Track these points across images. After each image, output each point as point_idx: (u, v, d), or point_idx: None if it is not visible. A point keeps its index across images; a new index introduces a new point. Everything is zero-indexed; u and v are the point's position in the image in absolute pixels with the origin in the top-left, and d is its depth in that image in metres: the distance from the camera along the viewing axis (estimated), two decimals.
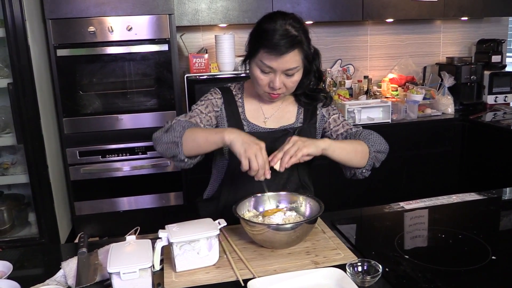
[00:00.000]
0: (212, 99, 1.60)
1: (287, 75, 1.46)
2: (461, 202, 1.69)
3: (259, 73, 1.47)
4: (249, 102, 1.63)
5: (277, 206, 1.45)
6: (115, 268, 1.08)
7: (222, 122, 1.59)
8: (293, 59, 1.42)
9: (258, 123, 1.60)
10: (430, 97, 3.49)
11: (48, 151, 2.71)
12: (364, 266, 1.17)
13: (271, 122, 1.61)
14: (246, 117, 1.60)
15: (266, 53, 1.41)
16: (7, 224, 2.82)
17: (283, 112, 1.63)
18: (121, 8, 2.75)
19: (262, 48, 1.41)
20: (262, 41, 1.41)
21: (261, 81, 1.47)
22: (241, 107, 1.61)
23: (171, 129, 1.42)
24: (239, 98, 1.62)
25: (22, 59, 2.52)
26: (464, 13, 3.49)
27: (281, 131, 1.58)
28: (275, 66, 1.42)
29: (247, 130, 1.57)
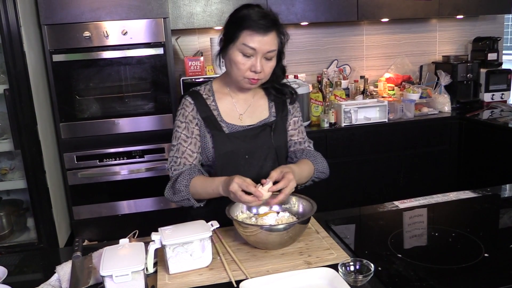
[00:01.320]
0: (188, 115, 1.60)
1: (266, 59, 1.50)
2: (455, 200, 1.69)
3: (240, 57, 1.49)
4: (222, 102, 1.64)
5: (270, 208, 1.45)
6: (107, 271, 1.08)
7: (203, 131, 1.60)
8: (273, 41, 1.49)
9: (234, 121, 1.62)
10: (426, 96, 3.49)
11: (45, 156, 2.72)
12: (357, 265, 1.17)
13: (246, 118, 1.64)
14: (222, 118, 1.61)
15: (249, 35, 1.46)
16: (6, 230, 2.83)
17: (255, 106, 1.67)
18: (116, 13, 2.76)
19: (245, 30, 1.46)
20: (245, 23, 1.47)
21: (242, 66, 1.50)
22: (215, 110, 1.62)
23: (177, 191, 1.55)
24: (212, 101, 1.63)
25: (18, 65, 2.53)
26: (459, 12, 3.50)
27: (259, 127, 1.62)
28: (258, 47, 1.46)
29: (227, 131, 1.58)
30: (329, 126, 3.15)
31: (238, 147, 1.58)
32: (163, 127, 2.93)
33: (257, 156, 1.60)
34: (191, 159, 1.59)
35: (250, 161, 1.60)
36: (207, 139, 1.59)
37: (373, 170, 3.23)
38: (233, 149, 1.57)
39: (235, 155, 1.58)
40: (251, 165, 1.60)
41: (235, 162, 1.58)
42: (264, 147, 1.61)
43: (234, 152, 1.58)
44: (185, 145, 1.59)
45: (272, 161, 1.62)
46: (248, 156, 1.59)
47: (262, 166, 1.61)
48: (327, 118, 3.14)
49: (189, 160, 1.59)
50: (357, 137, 3.15)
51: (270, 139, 1.61)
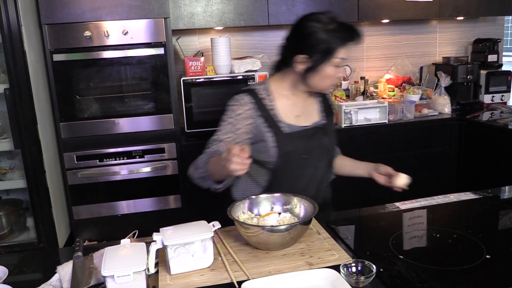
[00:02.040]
0: (242, 113, 1.61)
1: None
2: (456, 202, 1.69)
3: (334, 70, 1.56)
4: (279, 102, 1.66)
5: (271, 208, 1.45)
6: (109, 272, 1.08)
7: (260, 130, 1.61)
8: None
9: (292, 121, 1.66)
10: (426, 97, 3.49)
11: (45, 156, 2.71)
12: (358, 266, 1.17)
13: (302, 119, 1.69)
14: (281, 118, 1.64)
15: (345, 47, 1.53)
16: (5, 229, 2.83)
17: (309, 109, 1.73)
18: (116, 13, 2.76)
19: (341, 45, 1.52)
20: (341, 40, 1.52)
21: (336, 78, 1.60)
22: (272, 110, 1.64)
23: (197, 167, 1.58)
24: (268, 100, 1.64)
25: (19, 65, 2.52)
26: (459, 13, 3.50)
27: (313, 128, 1.69)
28: (347, 56, 1.56)
29: (286, 130, 1.62)
30: None
31: (297, 146, 1.63)
32: (163, 127, 2.93)
33: (314, 156, 1.67)
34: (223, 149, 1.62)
35: (307, 160, 1.66)
36: (268, 138, 1.61)
37: None
38: (293, 149, 1.62)
39: (294, 154, 1.63)
40: (308, 164, 1.66)
41: (294, 162, 1.64)
42: (319, 147, 1.69)
43: (295, 152, 1.63)
44: (222, 137, 1.61)
45: (325, 161, 1.73)
46: (305, 156, 1.65)
47: (317, 167, 1.70)
48: None
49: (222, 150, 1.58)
50: (357, 138, 3.14)
51: (323, 140, 1.69)
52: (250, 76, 3.01)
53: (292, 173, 1.64)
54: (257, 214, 1.43)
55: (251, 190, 1.70)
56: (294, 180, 1.65)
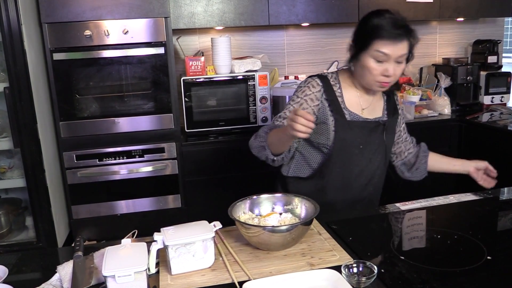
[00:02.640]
0: (310, 94, 1.69)
1: (397, 62, 1.59)
2: (457, 203, 1.69)
3: (372, 63, 1.58)
4: (347, 91, 1.72)
5: (272, 209, 1.45)
6: (110, 272, 1.08)
7: (325, 113, 1.69)
8: (404, 46, 1.57)
9: (357, 112, 1.72)
10: (426, 98, 3.49)
11: (45, 155, 2.71)
12: (360, 267, 1.17)
13: (366, 112, 1.74)
14: (346, 106, 1.70)
15: (382, 43, 1.55)
16: (4, 229, 2.82)
17: (375, 105, 1.77)
18: (117, 12, 2.75)
19: (378, 39, 1.55)
20: (378, 33, 1.55)
21: (375, 71, 1.59)
22: (340, 97, 1.70)
23: (258, 136, 1.66)
24: (338, 88, 1.71)
25: (19, 63, 2.52)
26: (459, 14, 3.50)
27: (374, 122, 1.73)
28: (391, 53, 1.55)
29: (348, 118, 1.69)
30: None
31: (355, 135, 1.69)
32: (163, 127, 2.92)
33: (369, 149, 1.72)
34: None
35: (363, 151, 1.71)
36: (329, 122, 1.68)
37: None
38: (351, 137, 1.68)
39: (351, 142, 1.69)
40: (363, 155, 1.72)
41: (350, 149, 1.70)
42: (376, 141, 1.73)
43: (352, 140, 1.69)
44: (288, 114, 1.67)
45: (380, 156, 1.77)
46: (362, 146, 1.70)
47: (371, 159, 1.75)
48: None
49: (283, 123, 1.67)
50: None
51: (382, 136, 1.74)
52: (251, 76, 3.01)
53: (345, 160, 1.71)
54: (258, 214, 1.43)
55: (302, 170, 1.80)
56: (346, 167, 1.72)
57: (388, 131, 1.77)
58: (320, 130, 1.70)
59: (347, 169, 1.73)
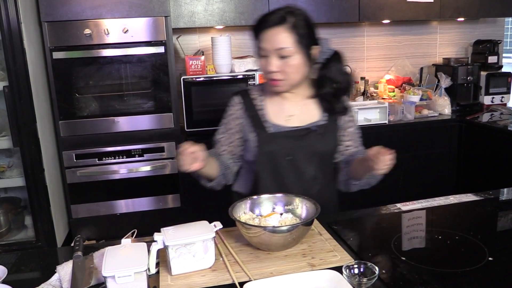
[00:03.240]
0: (232, 113, 1.67)
1: (282, 57, 1.49)
2: (458, 203, 1.69)
3: (259, 59, 1.55)
4: (271, 102, 1.66)
5: (273, 209, 1.44)
6: (110, 272, 1.07)
7: (246, 130, 1.65)
8: (283, 38, 1.47)
9: (281, 122, 1.62)
10: (427, 98, 3.49)
11: (44, 154, 2.70)
12: (361, 268, 1.16)
13: (295, 119, 1.63)
14: (268, 118, 1.63)
15: (260, 34, 1.51)
16: (3, 228, 2.81)
17: (307, 109, 1.66)
18: (117, 11, 2.74)
19: (258, 33, 1.51)
20: (259, 25, 1.52)
21: (261, 67, 1.56)
22: (262, 110, 1.64)
23: None
24: (260, 100, 1.66)
25: (18, 62, 2.51)
26: (460, 14, 3.50)
27: (305, 129, 1.61)
28: (267, 46, 1.49)
29: (271, 130, 1.61)
30: None
31: (280, 147, 1.59)
32: (163, 126, 2.92)
33: (299, 159, 1.60)
34: (221, 148, 1.69)
35: (292, 163, 1.60)
36: (251, 138, 1.62)
37: None
38: (275, 150, 1.59)
39: (276, 155, 1.59)
40: (293, 167, 1.60)
41: (276, 163, 1.60)
42: (307, 150, 1.60)
43: (276, 153, 1.59)
44: (218, 136, 1.70)
45: (315, 166, 1.62)
46: (289, 157, 1.59)
47: (304, 171, 1.61)
48: None
49: (220, 149, 1.69)
50: None
51: (316, 143, 1.60)
52: (251, 76, 3.00)
53: (274, 174, 1.61)
54: (259, 214, 1.42)
55: (244, 186, 1.74)
56: (277, 181, 1.61)
57: (325, 136, 1.62)
58: (246, 147, 1.65)
59: (278, 183, 1.60)
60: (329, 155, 1.66)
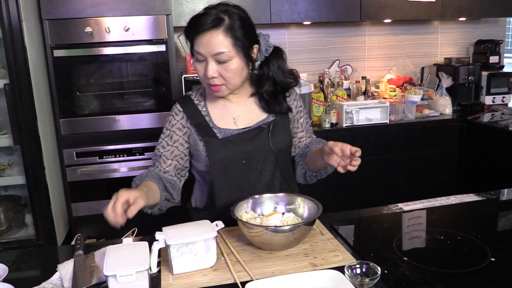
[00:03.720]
0: (176, 122, 1.56)
1: (219, 62, 1.39)
2: (459, 204, 1.68)
3: (195, 62, 1.43)
4: (214, 106, 1.57)
5: (275, 208, 1.44)
6: (111, 271, 1.07)
7: (194, 139, 1.55)
8: (219, 42, 1.36)
9: (228, 126, 1.54)
10: (428, 98, 3.49)
11: (45, 152, 2.70)
12: (363, 268, 1.15)
13: (241, 121, 1.56)
14: (215, 124, 1.54)
15: (195, 38, 1.38)
16: (3, 226, 2.81)
17: (251, 108, 1.58)
18: (118, 9, 2.74)
19: (194, 35, 1.39)
20: (192, 27, 1.40)
21: (198, 71, 1.44)
22: (207, 116, 1.55)
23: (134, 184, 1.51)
24: (203, 106, 1.56)
25: (19, 60, 2.50)
26: (462, 14, 3.49)
27: (255, 129, 1.54)
28: (203, 51, 1.38)
29: (220, 136, 1.52)
30: (330, 126, 3.14)
31: (233, 152, 1.51)
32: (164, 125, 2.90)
33: (255, 160, 1.53)
34: (164, 165, 1.55)
35: (248, 165, 1.53)
36: (200, 147, 1.53)
37: (373, 171, 3.22)
38: (228, 155, 1.50)
39: (231, 161, 1.51)
40: (250, 169, 1.54)
41: (232, 169, 1.52)
42: (261, 150, 1.53)
43: (230, 158, 1.51)
44: (162, 150, 1.56)
45: (272, 164, 1.56)
46: (245, 161, 1.52)
47: (262, 171, 1.55)
48: (328, 118, 3.13)
49: (163, 166, 1.55)
50: (358, 138, 3.13)
51: (268, 141, 1.53)
52: None
53: (230, 181, 1.52)
54: (260, 214, 1.42)
55: (202, 197, 1.66)
56: (234, 188, 1.53)
57: (276, 133, 1.54)
58: (196, 157, 1.57)
59: (236, 189, 1.52)
60: (285, 150, 1.60)
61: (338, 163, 1.33)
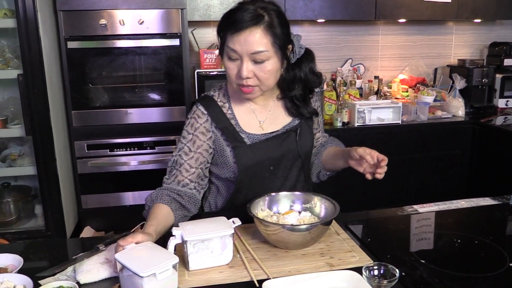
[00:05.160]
0: (199, 126, 1.45)
1: (256, 62, 1.31)
2: (475, 207, 1.66)
3: (227, 61, 1.35)
4: (239, 108, 1.49)
5: (291, 207, 1.42)
6: (148, 271, 1.02)
7: (220, 144, 1.47)
8: (258, 40, 1.29)
9: (255, 130, 1.48)
10: (440, 99, 3.46)
11: (56, 144, 2.70)
12: (381, 269, 1.14)
13: (268, 125, 1.50)
14: (242, 128, 1.47)
15: (230, 35, 1.30)
16: (13, 216, 2.82)
17: (277, 111, 1.52)
18: (133, 2, 2.73)
19: (228, 31, 1.31)
20: (227, 23, 1.32)
21: (230, 71, 1.35)
22: (233, 119, 1.47)
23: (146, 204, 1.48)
24: (228, 108, 1.48)
25: (33, 51, 2.50)
26: (477, 15, 3.46)
27: (283, 134, 1.49)
28: (239, 49, 1.29)
29: (248, 142, 1.46)
30: (342, 125, 3.12)
31: (262, 158, 1.45)
32: (175, 119, 2.91)
33: (283, 166, 1.49)
34: (186, 174, 1.44)
35: (275, 172, 1.49)
36: (227, 153, 1.46)
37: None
38: (257, 162, 1.44)
39: (259, 167, 1.46)
40: (276, 176, 1.49)
41: (259, 175, 1.47)
42: (289, 155, 1.49)
43: (259, 165, 1.45)
44: (184, 158, 1.44)
45: (297, 170, 1.53)
46: (273, 167, 1.48)
47: (287, 177, 1.52)
48: (340, 117, 3.11)
49: (184, 175, 1.44)
50: (370, 138, 3.11)
51: (296, 145, 1.48)
52: None
53: (255, 188, 1.46)
54: (276, 212, 1.40)
55: (217, 202, 1.59)
56: (258, 192, 1.44)
57: (302, 136, 1.50)
58: (221, 163, 1.48)
59: (259, 193, 1.44)
60: (310, 154, 1.57)
61: (365, 170, 1.38)
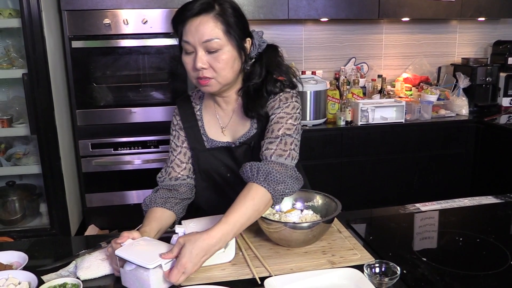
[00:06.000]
0: (177, 123, 1.49)
1: (210, 52, 1.26)
2: (478, 205, 1.66)
3: (183, 56, 1.31)
4: (206, 111, 1.48)
5: (293, 205, 1.43)
6: (154, 263, 1.05)
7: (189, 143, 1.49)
8: (209, 28, 1.24)
9: (217, 136, 1.46)
10: (444, 98, 3.45)
11: (61, 142, 2.72)
12: (382, 267, 1.15)
13: (228, 132, 1.47)
14: (205, 131, 1.47)
15: (183, 27, 1.27)
16: (18, 214, 2.84)
17: (236, 119, 1.46)
18: (136, 1, 2.74)
19: (180, 23, 1.28)
20: (179, 15, 1.28)
21: (187, 65, 1.31)
22: (200, 120, 1.47)
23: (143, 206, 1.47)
24: (198, 109, 1.48)
25: (38, 50, 2.52)
26: (481, 14, 3.45)
27: (238, 146, 1.44)
28: (191, 39, 1.25)
29: (207, 146, 1.46)
30: (345, 124, 3.12)
31: (219, 164, 1.45)
32: None
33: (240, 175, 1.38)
34: (178, 169, 1.46)
35: (233, 179, 1.46)
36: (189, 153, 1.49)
37: (388, 170, 3.20)
38: (214, 167, 1.46)
39: (215, 173, 1.47)
40: (235, 183, 1.43)
41: (215, 181, 1.48)
42: None
43: (215, 170, 1.46)
44: (174, 154, 1.48)
45: None
46: (229, 174, 1.47)
47: None
48: (343, 116, 3.11)
49: (176, 171, 1.46)
50: (373, 137, 3.12)
51: (251, 158, 1.38)
52: None
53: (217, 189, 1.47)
54: (278, 210, 1.41)
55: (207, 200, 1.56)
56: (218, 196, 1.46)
57: (257, 149, 1.38)
58: None
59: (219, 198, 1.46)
60: None
61: None
